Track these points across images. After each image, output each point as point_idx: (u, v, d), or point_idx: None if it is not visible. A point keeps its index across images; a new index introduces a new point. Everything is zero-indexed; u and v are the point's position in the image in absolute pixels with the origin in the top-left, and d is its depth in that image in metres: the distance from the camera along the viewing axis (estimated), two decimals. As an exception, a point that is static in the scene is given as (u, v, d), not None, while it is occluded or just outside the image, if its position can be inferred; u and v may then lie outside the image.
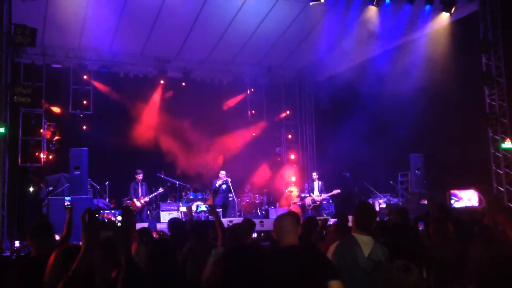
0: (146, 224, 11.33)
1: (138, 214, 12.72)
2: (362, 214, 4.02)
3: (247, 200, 15.22)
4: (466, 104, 12.31)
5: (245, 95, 17.80)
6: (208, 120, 16.93)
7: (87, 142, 13.08)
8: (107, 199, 13.79)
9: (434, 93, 12.42)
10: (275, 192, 16.63)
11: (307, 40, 14.59)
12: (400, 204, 12.95)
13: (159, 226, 11.37)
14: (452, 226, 4.72)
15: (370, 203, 4.97)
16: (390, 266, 2.70)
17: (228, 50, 15.29)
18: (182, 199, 14.19)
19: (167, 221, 8.08)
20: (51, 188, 12.93)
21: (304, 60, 16.80)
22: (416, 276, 2.60)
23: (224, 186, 13.81)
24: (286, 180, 16.69)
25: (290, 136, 18.62)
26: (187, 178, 15.47)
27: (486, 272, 2.50)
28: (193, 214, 9.56)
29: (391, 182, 13.96)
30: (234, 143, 16.74)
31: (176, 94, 16.53)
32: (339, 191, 14.15)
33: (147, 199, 13.10)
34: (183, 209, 12.77)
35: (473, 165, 12.06)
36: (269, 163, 17.36)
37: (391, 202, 13.04)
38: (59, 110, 14.89)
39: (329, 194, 14.26)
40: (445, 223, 4.68)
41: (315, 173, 14.99)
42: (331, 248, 3.98)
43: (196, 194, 14.54)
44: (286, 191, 16.10)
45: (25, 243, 9.13)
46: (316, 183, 14.47)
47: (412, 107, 12.64)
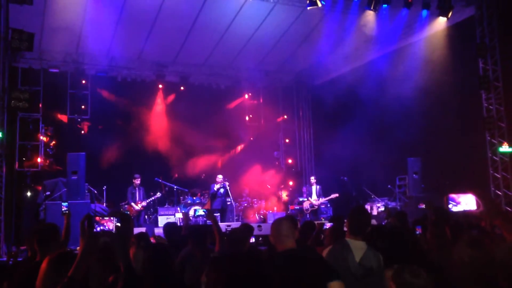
0: (144, 228, 11.29)
1: (135, 218, 12.67)
2: (356, 218, 4.00)
3: (245, 204, 15.20)
4: (463, 108, 12.34)
5: (242, 99, 17.81)
6: (206, 124, 16.92)
7: (85, 146, 13.05)
8: (104, 203, 13.75)
9: (432, 97, 12.45)
10: (270, 196, 16.61)
11: (304, 44, 14.62)
12: (398, 208, 12.94)
13: (157, 230, 11.32)
14: (450, 230, 4.72)
15: (364, 208, 4.96)
16: (399, 269, 2.71)
17: (225, 55, 15.31)
18: (180, 204, 14.17)
19: (164, 225, 8.05)
20: (48, 192, 12.89)
21: (301, 64, 16.82)
22: (425, 279, 2.60)
23: (222, 190, 13.78)
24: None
25: (288, 140, 18.62)
26: (185, 182, 15.44)
27: (467, 276, 2.51)
28: (189, 220, 9.57)
29: (389, 186, 13.97)
30: (231, 147, 16.74)
31: (174, 98, 16.55)
32: (337, 195, 14.14)
33: (144, 203, 13.06)
34: (179, 215, 12.72)
35: (470, 169, 12.08)
36: (267, 167, 17.35)
37: (389, 206, 13.04)
38: (57, 116, 14.88)
39: (327, 198, 14.25)
40: (442, 227, 4.68)
41: (313, 177, 14.98)
42: (324, 252, 3.98)
43: (194, 198, 14.52)
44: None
45: (21, 248, 9.10)
46: (314, 187, 14.46)
47: (410, 111, 12.67)
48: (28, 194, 13.86)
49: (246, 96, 17.79)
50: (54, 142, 14.56)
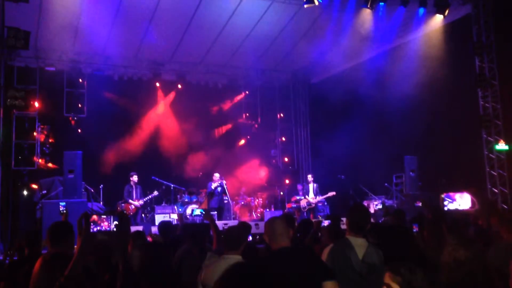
0: (141, 227, 11.28)
1: (132, 217, 12.65)
2: (356, 216, 3.99)
3: (242, 202, 15.19)
4: (459, 106, 12.37)
5: (239, 98, 17.80)
6: (203, 122, 16.93)
7: (81, 145, 13.02)
8: (101, 202, 13.73)
9: (428, 95, 12.47)
10: (270, 195, 16.61)
11: (301, 42, 14.60)
12: (395, 206, 12.97)
13: (154, 229, 11.30)
14: (447, 229, 4.72)
15: (364, 205, 4.96)
16: (398, 264, 2.71)
17: (222, 53, 15.28)
18: (177, 202, 14.16)
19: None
20: (45, 191, 12.86)
21: (298, 62, 16.81)
22: (421, 276, 2.60)
23: (219, 189, 13.78)
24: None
25: (285, 138, 18.62)
26: (182, 180, 15.43)
27: (454, 275, 2.51)
28: (184, 221, 9.57)
29: (386, 184, 13.98)
30: (228, 146, 16.72)
31: (172, 97, 16.55)
32: (334, 193, 14.14)
33: (141, 201, 13.03)
34: (174, 216, 12.70)
35: (467, 167, 12.12)
36: (264, 165, 17.34)
37: (386, 204, 13.06)
38: (53, 114, 14.83)
39: (324, 196, 14.25)
40: (439, 225, 4.68)
41: (310, 175, 14.97)
42: (325, 251, 3.97)
43: (191, 197, 14.51)
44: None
45: (18, 247, 9.06)
46: (311, 186, 14.45)
47: (406, 109, 12.69)
48: (25, 193, 13.81)
49: (243, 94, 17.77)
50: (51, 140, 14.50)
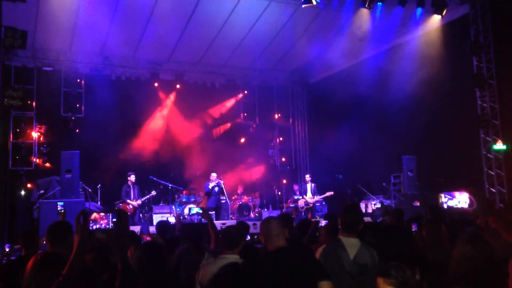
0: (139, 227, 11.28)
1: (130, 217, 12.63)
2: (349, 216, 3.99)
3: (240, 202, 15.19)
4: (457, 106, 12.38)
5: (237, 98, 17.79)
6: (201, 122, 16.92)
7: (79, 145, 12.99)
8: (99, 202, 13.69)
9: (426, 95, 12.47)
10: (267, 195, 16.61)
11: (299, 42, 14.61)
12: (393, 205, 12.97)
13: (151, 229, 11.30)
14: (445, 228, 4.72)
15: (356, 205, 4.95)
16: (386, 266, 2.70)
17: (220, 53, 15.27)
18: (174, 202, 14.14)
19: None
20: (42, 191, 12.82)
21: (296, 63, 16.83)
22: (415, 274, 2.60)
23: (216, 189, 13.77)
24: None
25: (283, 138, 18.61)
26: (180, 180, 15.41)
27: (466, 272, 2.51)
28: (181, 222, 9.57)
29: (384, 184, 13.98)
30: (226, 145, 16.71)
31: (170, 97, 16.54)
32: (332, 193, 14.14)
33: (139, 201, 13.01)
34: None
35: (465, 166, 12.12)
36: (261, 165, 17.34)
37: (385, 204, 13.06)
38: (50, 113, 14.79)
39: (322, 196, 14.24)
40: (438, 224, 4.68)
41: (308, 175, 14.97)
42: (318, 251, 3.96)
43: (188, 196, 14.49)
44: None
45: (15, 247, 9.05)
46: (309, 185, 14.44)
47: (405, 109, 12.69)
48: (22, 193, 13.78)
49: (241, 94, 17.76)
50: (48, 140, 14.47)
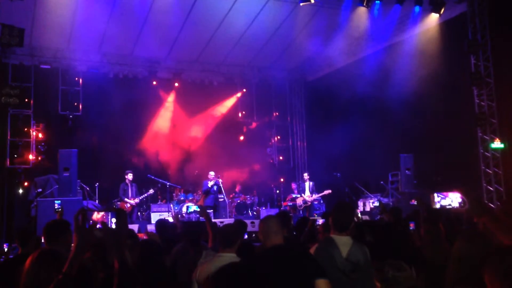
0: (137, 225, 11.28)
1: (128, 215, 12.62)
2: (340, 214, 3.96)
3: (238, 201, 15.19)
4: (455, 104, 12.39)
5: (235, 96, 17.78)
6: (198, 121, 16.91)
7: (77, 143, 12.97)
8: (97, 200, 13.68)
9: (424, 93, 12.48)
10: (265, 193, 16.62)
11: (297, 40, 14.60)
12: (391, 204, 12.99)
13: (149, 227, 11.30)
14: (443, 227, 4.74)
15: (347, 203, 4.94)
16: (382, 265, 2.71)
17: (218, 51, 15.26)
18: (172, 200, 14.13)
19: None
20: (40, 189, 12.80)
21: (294, 61, 16.82)
22: (407, 272, 2.60)
23: (215, 187, 13.77)
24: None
25: (281, 136, 18.62)
26: (177, 178, 15.40)
27: (465, 271, 2.51)
28: (180, 221, 9.56)
29: (382, 182, 14.01)
30: (224, 144, 16.70)
31: (168, 96, 16.53)
32: (330, 191, 14.15)
33: (137, 200, 12.99)
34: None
35: (462, 165, 12.14)
36: (259, 164, 17.34)
37: (382, 202, 13.07)
38: (48, 111, 14.76)
39: (320, 194, 14.26)
40: (436, 223, 4.69)
41: (306, 173, 14.98)
42: (311, 250, 3.97)
43: (186, 195, 14.49)
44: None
45: (13, 245, 9.05)
46: (307, 184, 14.46)
47: (402, 108, 12.70)
48: (20, 191, 13.76)
49: (239, 93, 17.75)
50: (46, 138, 14.44)
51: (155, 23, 13.01)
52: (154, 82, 16.09)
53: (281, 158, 18.40)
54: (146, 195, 13.29)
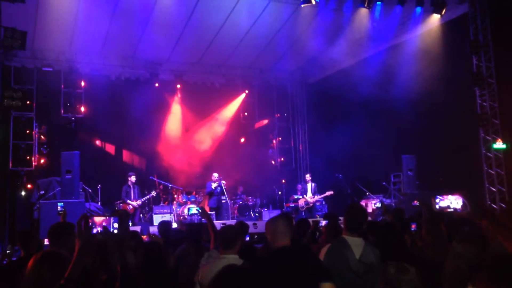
0: (139, 227, 11.28)
1: (130, 217, 12.63)
2: (353, 215, 3.97)
3: (240, 202, 15.19)
4: (457, 105, 12.37)
5: (237, 97, 17.78)
6: (201, 122, 16.92)
7: (79, 145, 12.99)
8: (99, 202, 13.71)
9: (426, 94, 12.46)
10: (267, 194, 16.61)
11: (298, 42, 14.61)
12: (393, 205, 12.98)
13: (152, 229, 11.30)
14: (445, 228, 4.73)
15: (360, 205, 4.95)
16: (385, 266, 2.71)
17: (220, 53, 15.27)
18: (175, 202, 14.15)
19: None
20: (42, 192, 12.83)
21: (296, 62, 16.82)
22: (412, 274, 2.60)
23: (218, 189, 13.79)
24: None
25: (283, 137, 18.61)
26: (180, 180, 15.41)
27: (463, 271, 2.51)
28: (183, 225, 9.58)
29: (384, 183, 13.99)
30: (226, 145, 16.72)
31: (171, 98, 16.54)
32: (332, 192, 14.15)
33: (139, 202, 13.01)
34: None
35: (465, 165, 12.11)
36: (261, 165, 17.33)
37: (385, 203, 13.05)
38: (50, 114, 14.79)
39: (322, 195, 14.26)
40: (437, 224, 4.68)
41: (308, 174, 14.98)
42: (323, 251, 3.96)
43: (189, 196, 14.50)
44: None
45: (16, 248, 9.07)
46: (309, 185, 14.46)
47: (404, 108, 12.69)
48: (22, 193, 13.79)
49: (241, 94, 17.74)
50: (48, 141, 14.46)
51: (157, 25, 13.03)
52: (156, 84, 16.10)
53: (283, 159, 18.39)
54: (148, 197, 13.31)
